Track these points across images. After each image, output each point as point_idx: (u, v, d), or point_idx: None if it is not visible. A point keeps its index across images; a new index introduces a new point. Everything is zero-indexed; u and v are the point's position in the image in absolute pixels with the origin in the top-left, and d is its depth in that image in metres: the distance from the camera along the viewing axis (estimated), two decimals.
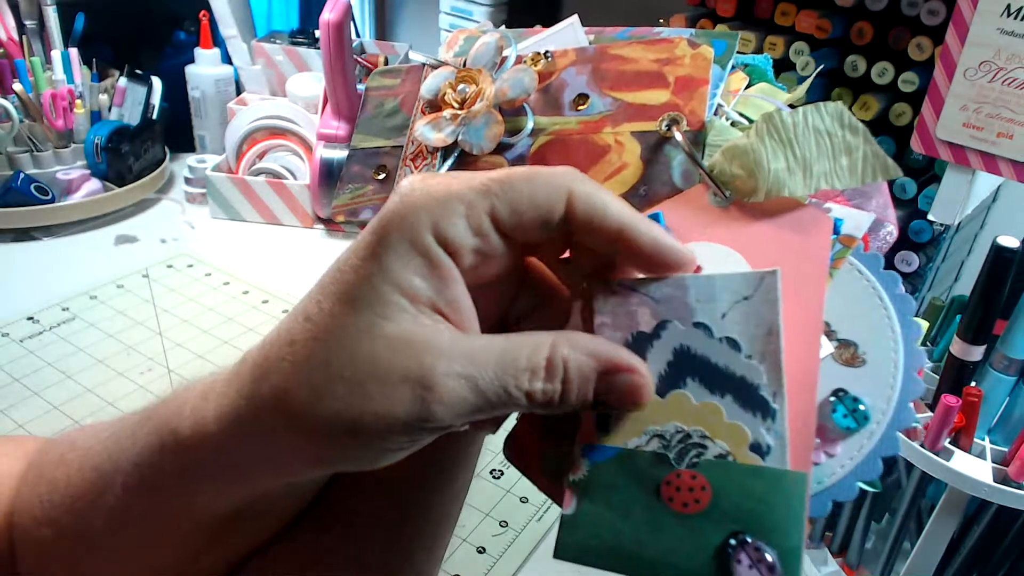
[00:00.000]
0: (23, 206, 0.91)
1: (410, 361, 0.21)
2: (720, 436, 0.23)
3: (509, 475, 0.63)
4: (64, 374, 0.71)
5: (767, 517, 0.22)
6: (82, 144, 0.97)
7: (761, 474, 0.22)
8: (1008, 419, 0.51)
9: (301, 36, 1.12)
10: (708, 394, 0.23)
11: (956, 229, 0.65)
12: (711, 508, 0.22)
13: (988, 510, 0.50)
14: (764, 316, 0.23)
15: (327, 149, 0.95)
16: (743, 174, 0.27)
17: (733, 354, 0.23)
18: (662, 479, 0.23)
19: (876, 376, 0.25)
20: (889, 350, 0.25)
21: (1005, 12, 0.50)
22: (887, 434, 0.24)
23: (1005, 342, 0.49)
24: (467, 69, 0.39)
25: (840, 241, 0.26)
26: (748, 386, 0.23)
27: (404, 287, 0.22)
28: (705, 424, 0.23)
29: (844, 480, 0.24)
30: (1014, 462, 0.47)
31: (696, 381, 0.23)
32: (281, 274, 0.89)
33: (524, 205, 0.23)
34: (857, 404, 0.24)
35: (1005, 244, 0.47)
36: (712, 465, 0.23)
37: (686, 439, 0.23)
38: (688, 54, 0.35)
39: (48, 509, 0.28)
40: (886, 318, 0.25)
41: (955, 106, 0.53)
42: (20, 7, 0.98)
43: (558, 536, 0.24)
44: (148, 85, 1.03)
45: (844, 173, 0.27)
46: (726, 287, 0.23)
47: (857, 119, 0.27)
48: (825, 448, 0.24)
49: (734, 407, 0.23)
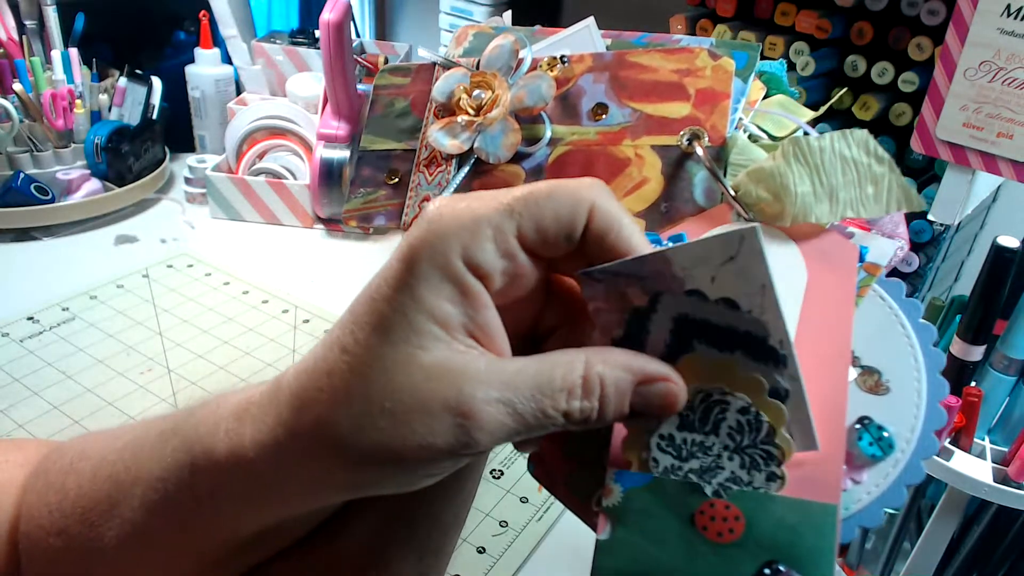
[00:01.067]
0: (23, 206, 0.91)
1: (449, 390, 0.21)
2: (739, 389, 0.23)
3: (509, 475, 0.63)
4: (64, 374, 0.71)
5: (799, 547, 0.22)
6: (82, 144, 0.97)
7: (793, 505, 0.23)
8: (1008, 419, 0.51)
9: (301, 36, 1.12)
10: (718, 352, 0.23)
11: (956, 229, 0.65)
12: (745, 538, 0.23)
13: (988, 510, 0.50)
14: (753, 273, 0.23)
15: (327, 149, 0.95)
16: (769, 197, 0.27)
17: (732, 312, 0.23)
18: (696, 508, 0.23)
19: (900, 405, 0.25)
20: (912, 379, 0.25)
21: (1005, 12, 0.50)
22: (911, 463, 0.25)
23: (1005, 342, 0.49)
24: (482, 73, 0.38)
25: (865, 269, 0.26)
26: (755, 339, 0.23)
27: (438, 316, 0.22)
28: (722, 380, 0.23)
29: (870, 506, 0.25)
30: (1014, 462, 0.47)
31: (703, 343, 0.24)
32: (281, 274, 0.89)
33: (548, 221, 0.23)
34: (882, 432, 0.25)
35: (1005, 244, 0.47)
36: (745, 496, 0.23)
37: (707, 398, 0.23)
38: (709, 66, 0.35)
39: (58, 518, 0.28)
40: (909, 346, 0.26)
41: (955, 106, 0.53)
42: (20, 7, 0.98)
43: (595, 560, 0.24)
44: (148, 85, 1.03)
45: (870, 202, 0.27)
46: (707, 252, 0.23)
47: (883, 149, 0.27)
48: (852, 475, 0.25)
49: (746, 360, 0.23)
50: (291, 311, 0.83)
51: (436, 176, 0.39)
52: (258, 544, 0.27)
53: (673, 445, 0.24)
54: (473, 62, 0.39)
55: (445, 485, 0.30)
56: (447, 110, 0.39)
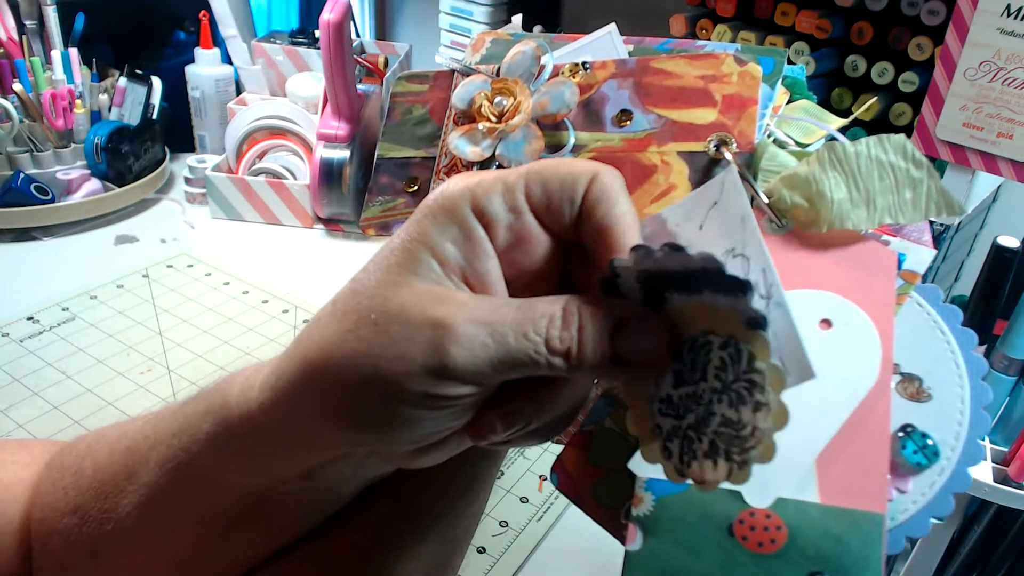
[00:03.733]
0: (23, 206, 0.91)
1: (432, 307, 0.22)
2: (719, 327, 0.22)
3: (509, 475, 0.63)
4: (64, 374, 0.71)
5: (845, 557, 0.21)
6: (82, 144, 0.97)
7: (838, 514, 0.22)
8: (1008, 419, 0.51)
9: (301, 36, 1.12)
10: (688, 297, 0.22)
11: (956, 229, 0.64)
12: (787, 548, 0.22)
13: (988, 510, 0.50)
14: (734, 208, 0.23)
15: (327, 149, 0.95)
16: (804, 204, 0.27)
17: (679, 255, 0.22)
18: (735, 517, 0.22)
19: (943, 411, 0.24)
20: (955, 385, 0.25)
21: (1005, 12, 0.50)
22: (958, 470, 0.24)
23: (1005, 342, 0.49)
24: (503, 79, 0.38)
25: (902, 277, 0.26)
26: (713, 273, 0.21)
27: (438, 252, 0.23)
28: (703, 323, 0.22)
29: (917, 516, 0.24)
30: (1014, 462, 0.47)
31: (673, 292, 0.23)
32: (281, 274, 0.89)
33: (554, 183, 0.24)
34: (926, 440, 0.24)
35: (1005, 244, 0.47)
36: (787, 505, 0.22)
37: (694, 344, 0.22)
38: (735, 71, 0.35)
39: (73, 496, 0.29)
40: (949, 352, 0.25)
41: (955, 106, 0.53)
42: (20, 7, 0.98)
43: (624, 572, 0.23)
44: (148, 85, 1.03)
45: (908, 208, 0.26)
46: (697, 203, 0.23)
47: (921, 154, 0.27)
48: (896, 484, 0.24)
49: (715, 296, 0.22)
50: (291, 311, 0.83)
51: None
52: (253, 523, 0.27)
53: (671, 405, 0.23)
54: (493, 69, 0.39)
55: (452, 500, 0.30)
56: (467, 117, 0.38)
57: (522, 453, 0.66)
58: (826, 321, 0.24)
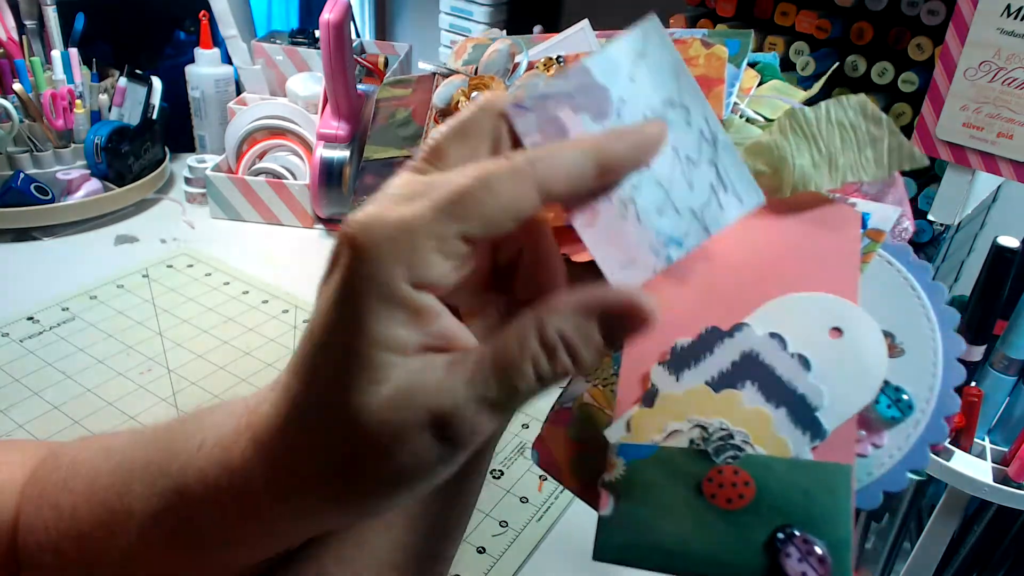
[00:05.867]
0: (23, 206, 0.91)
1: (418, 413, 0.21)
2: (762, 444, 0.22)
3: (509, 475, 0.63)
4: (64, 374, 0.71)
5: (814, 510, 0.22)
6: (82, 144, 0.97)
7: (805, 467, 0.22)
8: (1008, 419, 0.51)
9: (301, 36, 1.12)
10: (763, 401, 0.23)
11: (956, 229, 0.64)
12: (756, 503, 0.22)
13: (988, 510, 0.50)
14: (665, 60, 0.23)
15: (327, 149, 0.95)
16: (768, 170, 0.27)
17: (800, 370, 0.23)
18: (703, 476, 0.23)
19: (916, 365, 0.25)
20: (927, 338, 0.25)
21: (1005, 12, 0.50)
22: (933, 422, 0.24)
23: (1005, 342, 0.49)
24: (479, 76, 0.39)
25: (868, 235, 0.26)
26: (805, 406, 0.23)
27: (392, 345, 0.21)
28: (749, 428, 0.23)
29: (894, 470, 0.24)
30: (1014, 462, 0.47)
31: (754, 386, 0.23)
32: (281, 274, 0.89)
33: (498, 217, 0.21)
34: (900, 394, 0.24)
35: (1005, 244, 0.47)
36: (754, 460, 0.22)
37: (727, 438, 0.23)
38: (702, 54, 0.35)
39: (54, 536, 0.28)
40: (920, 307, 0.25)
41: (955, 106, 0.53)
42: (20, 7, 0.98)
43: (597, 538, 0.23)
44: (148, 85, 1.03)
45: (870, 164, 0.26)
46: (620, 53, 0.23)
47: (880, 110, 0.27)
48: (871, 439, 0.24)
49: (785, 420, 0.23)
50: (291, 311, 0.83)
51: None
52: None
53: None
54: (472, 69, 0.40)
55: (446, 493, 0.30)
56: (447, 115, 0.39)
57: (522, 453, 0.66)
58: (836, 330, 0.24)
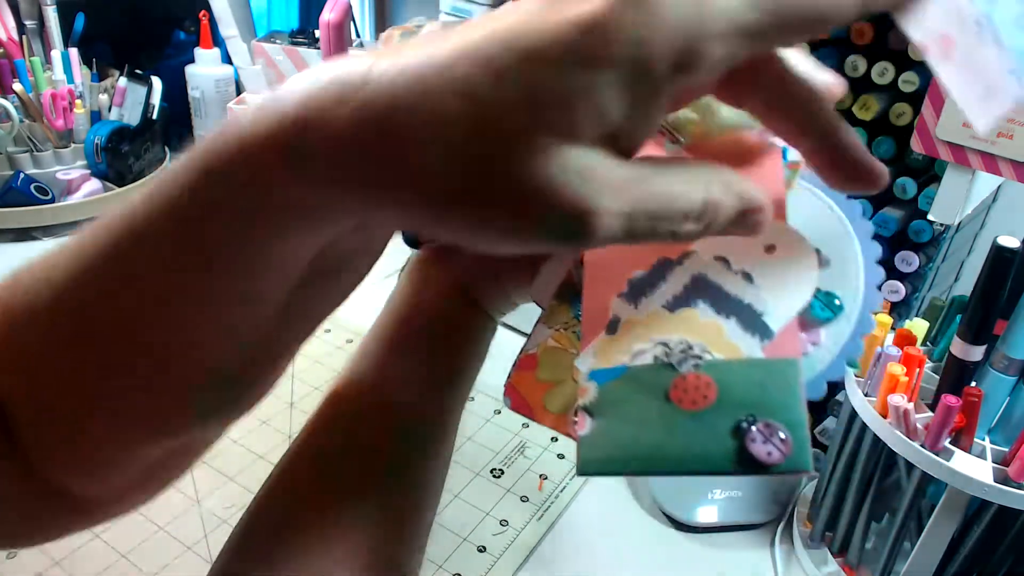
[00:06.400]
0: (23, 206, 0.91)
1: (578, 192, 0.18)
2: (719, 350, 0.25)
3: (509, 475, 0.63)
4: None
5: (769, 399, 0.24)
6: (82, 144, 0.97)
7: (759, 364, 0.25)
8: (1008, 419, 0.51)
9: (301, 36, 1.12)
10: (715, 315, 0.25)
11: (956, 229, 0.64)
12: (719, 401, 0.24)
13: (988, 510, 0.50)
14: None
15: None
16: (694, 116, 0.29)
17: (745, 284, 0.25)
18: (669, 385, 0.25)
19: (841, 271, 0.29)
20: (848, 248, 0.29)
21: None
22: (861, 316, 0.28)
23: (1005, 342, 0.49)
24: None
25: (788, 168, 0.29)
26: (752, 312, 0.25)
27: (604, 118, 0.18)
28: (706, 339, 0.25)
29: (833, 363, 0.27)
30: (1014, 462, 0.47)
31: (706, 303, 0.26)
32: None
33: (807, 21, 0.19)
34: (831, 298, 0.28)
35: (1005, 244, 0.47)
36: (714, 365, 0.25)
37: (688, 349, 0.25)
38: None
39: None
40: (839, 223, 0.29)
41: (955, 106, 0.53)
42: (20, 7, 0.98)
43: (579, 455, 0.25)
44: (148, 85, 1.03)
45: None
46: None
47: None
48: (811, 338, 0.28)
49: (736, 328, 0.25)
50: None
51: None
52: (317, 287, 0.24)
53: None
54: None
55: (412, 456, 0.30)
56: None
57: (522, 453, 0.66)
58: (771, 247, 0.27)
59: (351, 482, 0.30)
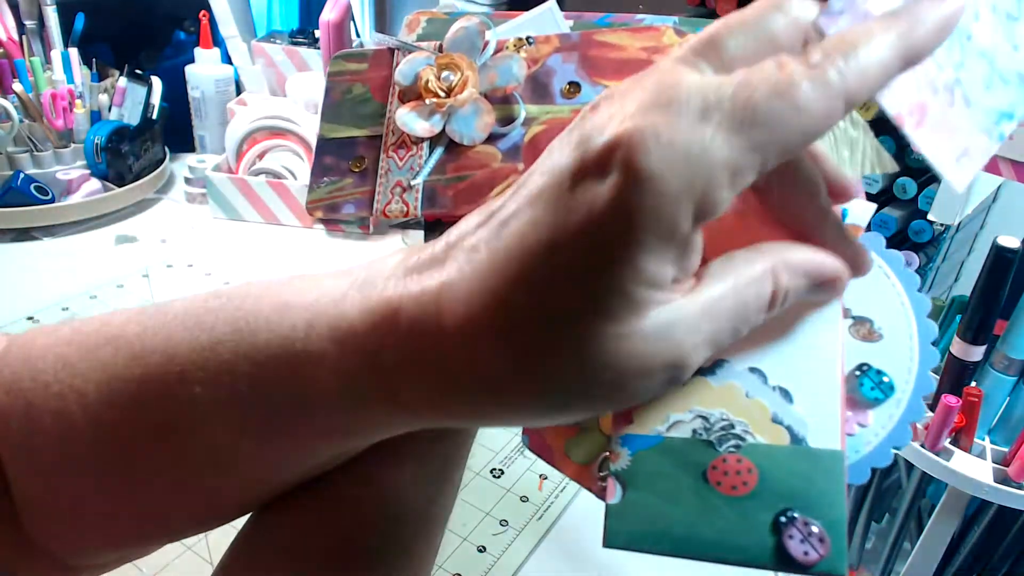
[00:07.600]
0: (23, 206, 0.91)
1: (667, 350, 0.20)
2: (761, 433, 0.24)
3: (509, 474, 0.63)
4: None
5: (811, 493, 0.23)
6: (82, 144, 0.97)
7: (803, 454, 0.23)
8: (1008, 419, 0.51)
9: (301, 36, 1.12)
10: (759, 392, 0.24)
11: (956, 229, 0.64)
12: (759, 489, 0.23)
13: (988, 510, 0.50)
14: None
15: None
16: None
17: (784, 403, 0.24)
18: (708, 464, 0.24)
19: (894, 349, 0.26)
20: (903, 324, 0.27)
21: None
22: (912, 401, 0.26)
23: (1005, 342, 0.49)
24: (448, 55, 0.38)
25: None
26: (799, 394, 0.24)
27: (656, 282, 0.20)
28: (750, 419, 0.24)
29: (879, 447, 0.26)
30: (1014, 462, 0.47)
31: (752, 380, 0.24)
32: (281, 274, 0.89)
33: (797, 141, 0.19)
34: (881, 376, 0.26)
35: (1005, 244, 0.47)
36: (755, 449, 0.23)
37: (729, 428, 0.24)
38: (676, 43, 0.36)
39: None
40: (896, 294, 0.27)
41: None
42: (20, 7, 0.98)
43: (606, 525, 0.24)
44: (148, 85, 1.03)
45: (845, 165, 0.27)
46: None
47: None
48: (857, 420, 0.26)
49: (782, 409, 0.24)
50: None
51: (407, 160, 0.38)
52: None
53: None
54: (435, 45, 0.39)
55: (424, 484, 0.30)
56: (413, 93, 0.38)
57: (522, 453, 0.66)
58: None
59: None
